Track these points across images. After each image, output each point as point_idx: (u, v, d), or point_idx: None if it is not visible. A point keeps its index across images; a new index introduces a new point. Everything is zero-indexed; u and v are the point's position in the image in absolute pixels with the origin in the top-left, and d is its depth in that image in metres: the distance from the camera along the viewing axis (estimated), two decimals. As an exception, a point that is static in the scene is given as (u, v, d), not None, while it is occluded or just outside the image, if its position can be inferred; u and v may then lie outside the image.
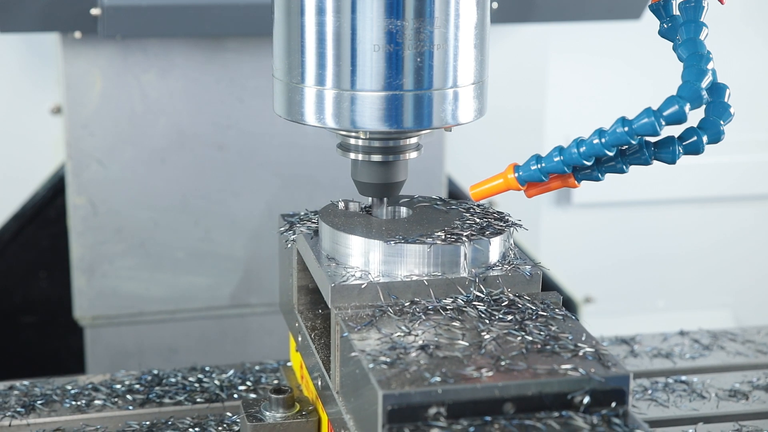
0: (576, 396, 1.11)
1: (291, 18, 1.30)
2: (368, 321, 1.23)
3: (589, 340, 1.19)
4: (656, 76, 2.25)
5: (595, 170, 1.34)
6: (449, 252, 1.30)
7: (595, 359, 1.15)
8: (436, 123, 1.31)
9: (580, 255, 2.87)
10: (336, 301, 1.26)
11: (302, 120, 1.33)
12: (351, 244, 1.32)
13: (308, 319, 1.46)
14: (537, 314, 1.25)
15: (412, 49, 1.26)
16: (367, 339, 1.19)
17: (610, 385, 1.11)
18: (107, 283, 2.37)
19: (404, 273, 1.30)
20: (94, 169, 2.31)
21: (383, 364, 1.13)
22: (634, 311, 2.94)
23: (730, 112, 1.31)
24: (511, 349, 1.17)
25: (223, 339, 2.47)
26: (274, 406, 1.41)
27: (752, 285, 3.00)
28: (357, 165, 1.39)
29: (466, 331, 1.21)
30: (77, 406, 1.57)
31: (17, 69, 2.43)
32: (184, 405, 1.58)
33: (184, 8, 2.11)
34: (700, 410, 1.56)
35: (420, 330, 1.20)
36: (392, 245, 1.30)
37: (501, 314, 1.24)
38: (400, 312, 1.25)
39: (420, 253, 1.30)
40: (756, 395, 1.60)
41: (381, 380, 1.09)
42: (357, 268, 1.31)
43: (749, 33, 2.79)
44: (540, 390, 1.10)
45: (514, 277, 1.31)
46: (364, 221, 1.38)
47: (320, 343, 1.40)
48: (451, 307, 1.26)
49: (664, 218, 2.90)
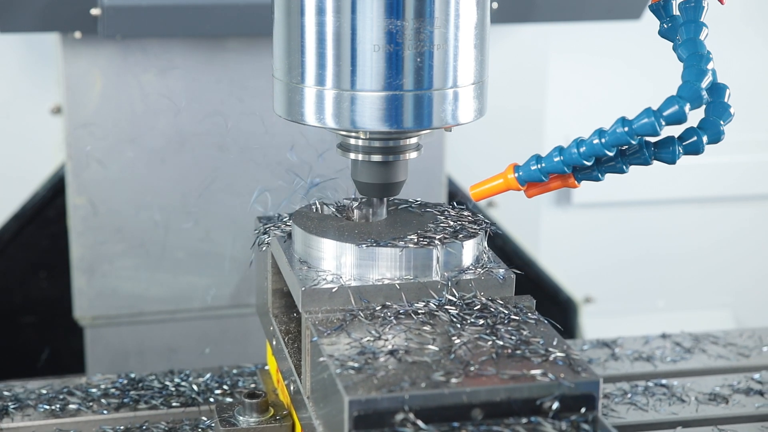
0: (545, 401, 1.10)
1: (291, 18, 1.30)
2: (338, 325, 1.21)
3: (560, 344, 1.18)
4: (656, 76, 2.25)
5: (595, 170, 1.34)
6: (421, 255, 1.29)
7: (565, 364, 1.14)
8: (436, 123, 1.31)
9: (580, 255, 2.87)
10: (307, 305, 1.25)
11: (302, 120, 1.33)
12: (323, 247, 1.32)
13: (282, 322, 1.45)
14: (509, 318, 1.24)
15: (412, 49, 1.26)
16: (337, 344, 1.18)
17: (579, 390, 1.11)
18: (107, 283, 2.37)
19: (376, 276, 1.29)
20: (94, 169, 2.31)
21: (351, 369, 1.12)
22: (634, 311, 2.94)
23: (730, 112, 1.31)
24: (481, 354, 1.16)
25: (223, 339, 2.47)
26: (248, 411, 1.40)
27: (752, 285, 3.00)
28: (357, 165, 1.39)
29: (436, 336, 1.20)
30: (51, 411, 1.56)
31: (17, 69, 2.43)
32: (159, 409, 1.57)
33: (184, 8, 2.11)
34: (680, 414, 1.56)
35: (390, 335, 1.20)
36: (364, 248, 1.29)
37: (473, 318, 1.23)
38: (371, 316, 1.24)
39: (392, 257, 1.29)
40: (736, 399, 1.60)
41: (347, 386, 1.08)
42: (329, 271, 1.30)
43: (749, 33, 2.79)
44: (509, 395, 1.09)
45: (487, 281, 1.30)
46: (337, 224, 1.37)
47: (293, 347, 1.39)
48: (422, 312, 1.25)
49: (664, 218, 2.90)
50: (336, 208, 1.44)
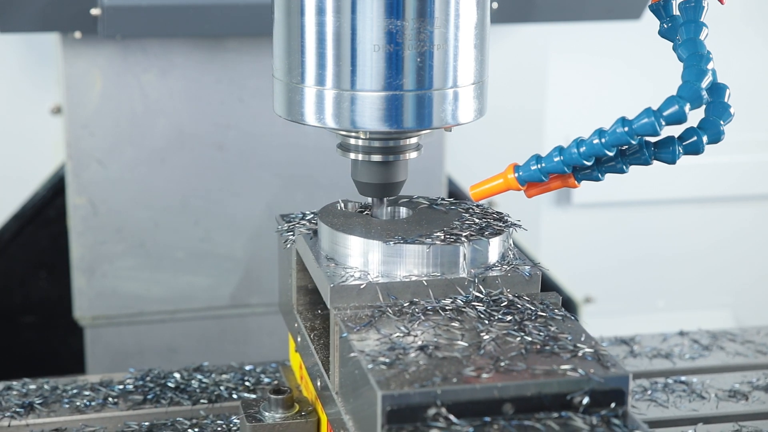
0: (575, 396, 1.10)
1: (291, 18, 1.30)
2: (367, 321, 1.22)
3: (589, 340, 1.19)
4: (656, 76, 2.25)
5: (595, 170, 1.34)
6: (448, 252, 1.30)
7: (594, 360, 1.14)
8: (436, 123, 1.31)
9: (580, 255, 2.87)
10: (335, 301, 1.26)
11: (302, 120, 1.33)
12: (350, 244, 1.32)
13: (307, 319, 1.45)
14: (536, 315, 1.25)
15: (412, 49, 1.26)
16: (366, 339, 1.18)
17: (609, 385, 1.11)
18: (107, 283, 2.37)
19: (403, 273, 1.29)
20: (94, 169, 2.31)
21: (382, 365, 1.12)
22: (634, 311, 2.94)
23: (730, 112, 1.31)
24: (510, 349, 1.16)
25: (223, 339, 2.47)
26: (274, 407, 1.40)
27: (752, 285, 3.00)
28: (357, 165, 1.39)
29: (465, 332, 1.20)
30: (76, 407, 1.57)
31: (17, 69, 2.43)
32: (183, 405, 1.58)
33: (184, 8, 2.11)
34: (700, 411, 1.56)
35: (419, 330, 1.20)
36: (391, 245, 1.30)
37: (500, 315, 1.24)
38: (399, 312, 1.24)
39: (419, 254, 1.29)
40: (756, 396, 1.60)
41: (380, 381, 1.09)
42: (356, 268, 1.31)
43: (749, 33, 2.79)
44: (539, 390, 1.10)
45: (513, 278, 1.31)
46: (364, 221, 1.38)
47: (319, 343, 1.39)
48: (450, 308, 1.25)
49: (664, 218, 2.90)
50: (361, 206, 1.44)
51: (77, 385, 1.64)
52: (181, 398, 1.59)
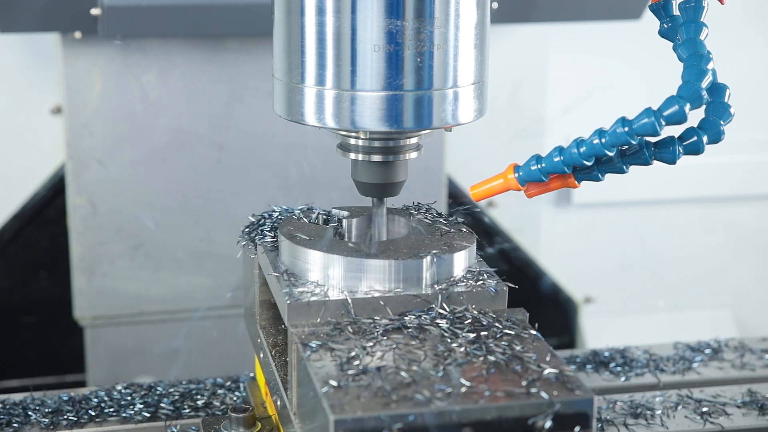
0: (537, 420, 1.07)
1: (291, 18, 1.30)
2: (326, 340, 1.18)
3: (554, 360, 1.15)
4: (656, 76, 2.25)
5: (595, 170, 1.34)
6: (411, 267, 1.26)
7: (558, 381, 1.11)
8: (436, 123, 1.31)
9: (580, 255, 2.87)
10: (293, 318, 1.22)
11: (302, 120, 1.33)
12: (310, 258, 1.29)
13: (270, 334, 1.41)
14: (502, 332, 1.21)
15: (412, 49, 1.26)
16: (323, 359, 1.14)
17: (573, 408, 1.08)
18: (107, 283, 2.37)
19: (365, 289, 1.26)
20: (94, 169, 2.31)
21: (336, 388, 1.08)
22: (634, 311, 2.94)
23: (730, 112, 1.31)
24: (472, 369, 1.13)
25: (223, 339, 2.47)
26: (235, 425, 1.38)
27: (752, 285, 3.00)
28: (357, 165, 1.39)
29: (426, 351, 1.16)
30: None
31: (17, 69, 2.43)
32: (140, 422, 1.55)
33: (184, 8, 2.11)
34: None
35: (379, 350, 1.16)
36: (351, 259, 1.26)
37: (464, 332, 1.20)
38: (358, 330, 1.20)
39: (381, 269, 1.26)
40: None
41: (333, 405, 1.05)
42: (316, 283, 1.28)
43: (749, 33, 2.79)
44: (499, 414, 1.06)
45: (479, 294, 1.27)
46: (325, 234, 1.35)
47: (280, 360, 1.35)
48: (412, 325, 1.21)
49: (664, 218, 2.90)
50: (325, 217, 1.41)
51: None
52: (144, 413, 1.56)
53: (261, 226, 1.46)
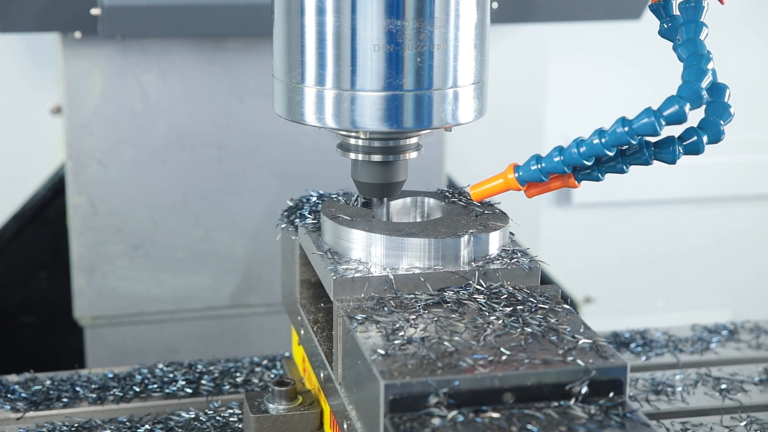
0: (574, 386, 1.12)
1: (291, 18, 1.30)
2: (371, 314, 1.23)
3: (587, 332, 1.20)
4: (656, 76, 2.25)
5: (595, 170, 1.34)
6: (450, 246, 1.31)
7: (593, 350, 1.16)
8: (436, 123, 1.31)
9: (580, 255, 2.87)
10: (338, 293, 1.27)
11: (302, 120, 1.33)
12: (353, 237, 1.33)
13: (311, 312, 1.47)
14: (536, 307, 1.26)
15: (412, 49, 1.26)
16: (369, 331, 1.20)
17: (607, 375, 1.12)
18: (107, 283, 2.37)
19: (405, 266, 1.30)
20: (94, 169, 2.31)
21: (385, 356, 1.14)
22: (634, 311, 2.94)
23: (730, 112, 1.31)
24: (510, 340, 1.18)
25: (223, 339, 2.47)
26: (277, 399, 1.43)
27: (752, 285, 3.00)
28: (357, 165, 1.39)
29: (466, 324, 1.21)
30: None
31: (17, 69, 2.43)
32: (183, 398, 1.60)
33: (184, 8, 2.11)
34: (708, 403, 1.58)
35: (421, 323, 1.21)
36: (393, 238, 1.31)
37: (501, 307, 1.25)
38: (401, 304, 1.25)
39: (421, 247, 1.30)
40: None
41: (382, 371, 1.10)
42: (359, 261, 1.32)
43: (749, 33, 2.79)
44: (538, 380, 1.11)
45: (514, 271, 1.32)
46: (366, 215, 1.39)
47: (322, 335, 1.41)
48: (451, 300, 1.27)
49: (664, 218, 2.90)
50: (365, 199, 1.45)
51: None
52: (187, 390, 1.61)
53: (299, 209, 1.50)
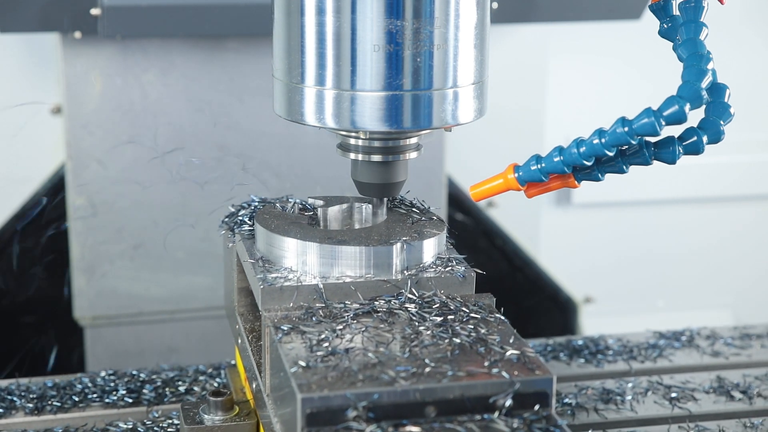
0: (498, 399, 1.10)
1: (291, 18, 1.30)
2: (297, 324, 1.22)
3: (517, 342, 1.19)
4: (656, 76, 2.25)
5: (595, 170, 1.34)
6: (382, 253, 1.29)
7: (520, 362, 1.15)
8: (436, 123, 1.31)
9: (580, 255, 2.87)
10: (266, 303, 1.26)
11: (302, 120, 1.33)
12: (284, 245, 1.32)
13: (248, 321, 1.45)
14: (468, 316, 1.24)
15: (412, 49, 1.26)
16: (293, 342, 1.18)
17: (533, 387, 1.11)
18: (107, 283, 2.37)
19: (337, 274, 1.29)
20: (94, 169, 2.31)
21: (305, 368, 1.12)
22: (634, 311, 2.94)
23: (730, 112, 1.31)
24: (437, 351, 1.16)
25: (223, 339, 2.47)
26: (213, 409, 1.41)
27: (752, 285, 3.00)
28: (357, 165, 1.39)
29: (395, 334, 1.20)
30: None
31: (17, 69, 2.43)
32: (123, 407, 1.57)
33: (184, 8, 2.11)
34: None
35: (348, 333, 1.20)
36: (324, 246, 1.30)
37: (432, 316, 1.24)
38: (330, 314, 1.24)
39: (352, 255, 1.29)
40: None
41: (301, 384, 1.09)
42: (289, 269, 1.31)
43: (749, 33, 2.79)
44: (462, 393, 1.10)
45: (447, 279, 1.30)
46: (299, 222, 1.38)
47: (256, 345, 1.39)
48: (381, 310, 1.25)
49: (664, 218, 2.90)
50: (301, 206, 1.44)
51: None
52: (126, 399, 1.59)
53: (240, 215, 1.49)
